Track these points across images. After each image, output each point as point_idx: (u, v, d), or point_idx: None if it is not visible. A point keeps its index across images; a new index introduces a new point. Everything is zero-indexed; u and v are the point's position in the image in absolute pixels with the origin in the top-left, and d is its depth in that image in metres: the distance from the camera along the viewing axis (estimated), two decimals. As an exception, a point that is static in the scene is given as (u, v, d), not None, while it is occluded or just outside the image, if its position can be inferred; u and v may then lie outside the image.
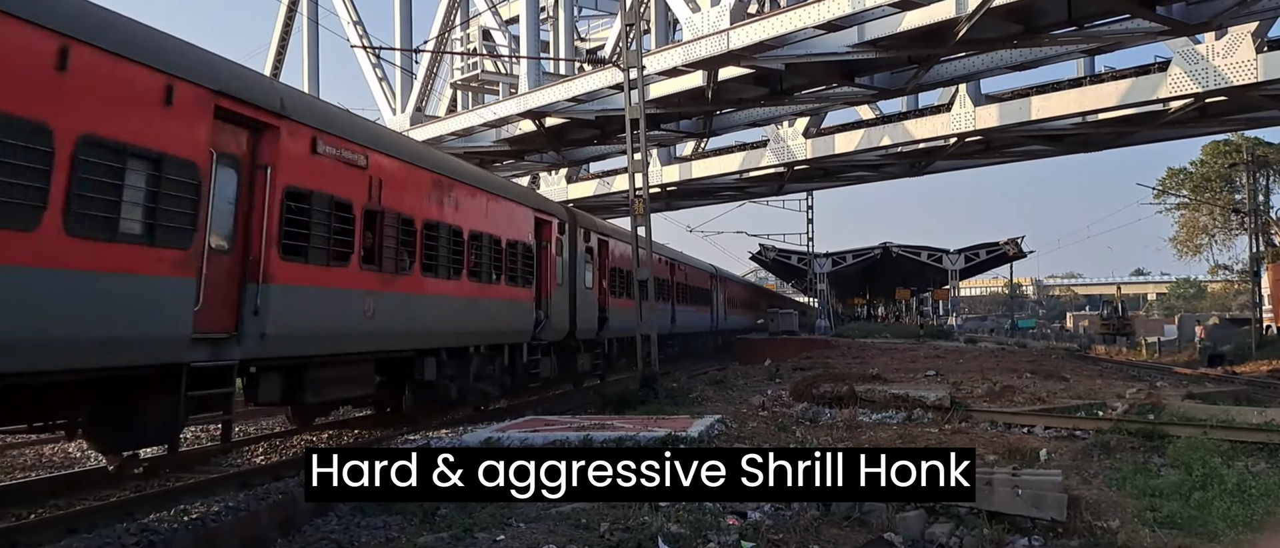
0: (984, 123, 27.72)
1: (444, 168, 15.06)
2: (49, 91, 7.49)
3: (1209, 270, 67.09)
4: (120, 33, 8.39)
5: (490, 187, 17.06)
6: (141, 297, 8.44)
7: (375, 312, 12.27)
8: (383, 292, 12.47)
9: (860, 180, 41.07)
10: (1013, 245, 52.65)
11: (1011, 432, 12.49)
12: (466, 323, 15.43)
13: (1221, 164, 50.43)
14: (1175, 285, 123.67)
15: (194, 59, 9.47)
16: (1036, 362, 26.50)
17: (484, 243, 15.92)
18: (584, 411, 16.19)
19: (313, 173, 11.02)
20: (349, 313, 11.83)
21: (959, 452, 5.44)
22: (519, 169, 36.01)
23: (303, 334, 10.93)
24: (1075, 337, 69.32)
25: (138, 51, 8.49)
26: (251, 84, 10.42)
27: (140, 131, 8.37)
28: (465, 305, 15.23)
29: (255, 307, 10.01)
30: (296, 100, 11.56)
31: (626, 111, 20.02)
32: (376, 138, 13.17)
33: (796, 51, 21.33)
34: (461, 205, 15.07)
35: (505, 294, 16.85)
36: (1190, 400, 15.40)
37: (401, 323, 13.05)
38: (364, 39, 32.58)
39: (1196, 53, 22.37)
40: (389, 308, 12.60)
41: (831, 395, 15.65)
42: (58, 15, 7.62)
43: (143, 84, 8.48)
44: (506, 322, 17.11)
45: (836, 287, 62.45)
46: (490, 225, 16.26)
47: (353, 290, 11.89)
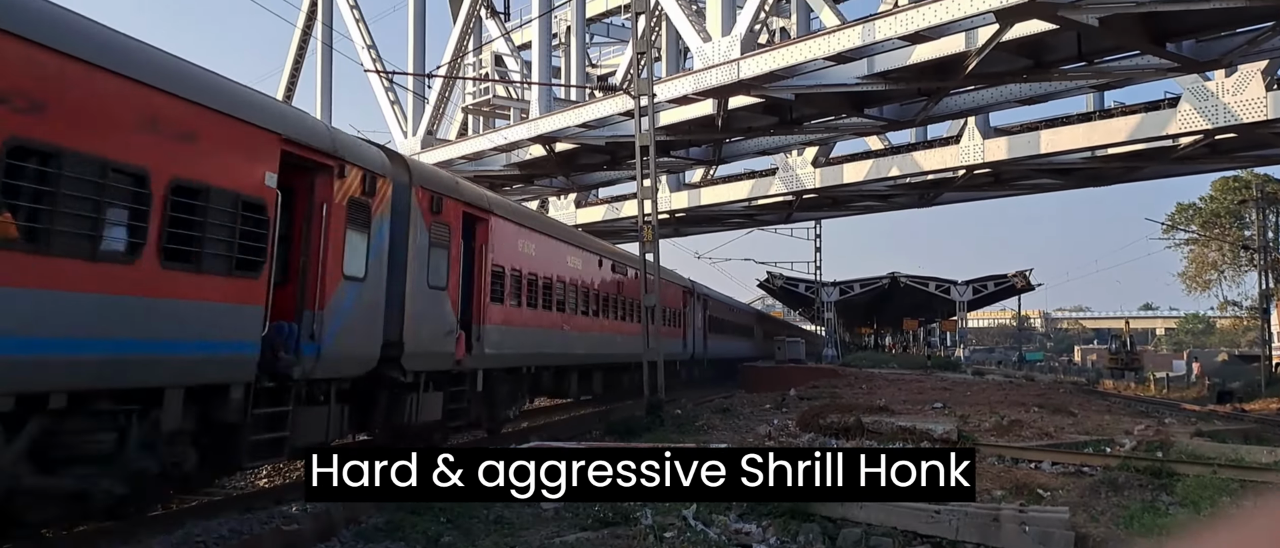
0: (993, 156, 27.76)
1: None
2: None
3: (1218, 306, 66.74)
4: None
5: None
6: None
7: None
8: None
9: (869, 210, 41.09)
10: (1021, 278, 52.54)
11: (1019, 467, 12.42)
12: None
13: (1231, 200, 50.35)
14: (1184, 321, 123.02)
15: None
16: (1044, 395, 26.34)
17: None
18: (587, 439, 16.14)
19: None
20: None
21: (959, 451, 5.36)
22: (528, 193, 36.16)
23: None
24: (1083, 371, 69.01)
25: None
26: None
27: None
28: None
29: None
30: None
31: (636, 138, 20.11)
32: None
33: (806, 82, 21.42)
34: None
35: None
36: (1199, 438, 15.30)
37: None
38: (377, 63, 32.84)
39: (1206, 89, 22.40)
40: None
41: (838, 426, 15.60)
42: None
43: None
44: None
45: (844, 316, 62.28)
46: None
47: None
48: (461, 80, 33.04)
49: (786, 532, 7.99)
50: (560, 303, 19.22)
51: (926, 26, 17.71)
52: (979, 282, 53.16)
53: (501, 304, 16.09)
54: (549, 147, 28.66)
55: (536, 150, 29.16)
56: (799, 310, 74.68)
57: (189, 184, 8.34)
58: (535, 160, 30.08)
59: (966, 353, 57.31)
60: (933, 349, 63.04)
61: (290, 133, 10.02)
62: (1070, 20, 16.79)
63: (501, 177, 32.04)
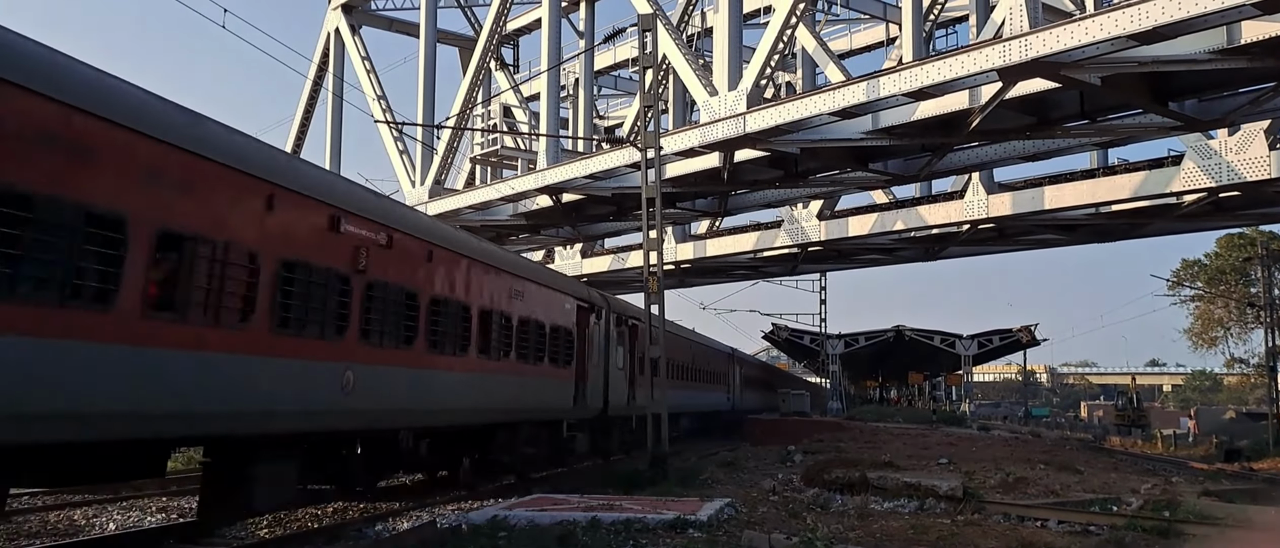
0: (997, 211, 27.85)
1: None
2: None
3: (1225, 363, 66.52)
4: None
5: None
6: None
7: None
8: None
9: (873, 263, 41.17)
10: (1026, 332, 52.49)
11: (1024, 525, 12.32)
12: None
13: (1236, 257, 50.43)
14: (1191, 378, 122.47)
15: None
16: (1050, 452, 26.20)
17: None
18: (593, 490, 16.04)
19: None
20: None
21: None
22: (534, 243, 36.30)
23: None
24: (1089, 426, 68.52)
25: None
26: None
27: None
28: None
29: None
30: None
31: (643, 190, 20.24)
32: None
33: (811, 136, 21.58)
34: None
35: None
36: (1207, 498, 15.19)
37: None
38: (387, 114, 33.19)
39: (1210, 148, 22.52)
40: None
41: (843, 481, 15.49)
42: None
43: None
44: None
45: (849, 368, 62.16)
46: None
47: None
48: (470, 131, 33.36)
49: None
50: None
51: (930, 84, 17.88)
52: (984, 336, 53.14)
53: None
54: (556, 197, 28.83)
55: (543, 201, 29.34)
56: (804, 363, 74.54)
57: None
58: (542, 210, 30.24)
59: (972, 407, 57.08)
60: (938, 403, 62.77)
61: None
62: (1073, 79, 16.96)
63: (508, 226, 32.20)
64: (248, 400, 9.27)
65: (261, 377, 9.43)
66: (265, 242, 9.40)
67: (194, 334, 8.38)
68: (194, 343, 8.38)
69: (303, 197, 10.24)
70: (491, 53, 31.27)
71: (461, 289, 14.18)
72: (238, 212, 9.09)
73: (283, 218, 9.75)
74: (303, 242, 10.13)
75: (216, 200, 8.78)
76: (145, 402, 7.92)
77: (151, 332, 7.84)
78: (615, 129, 39.99)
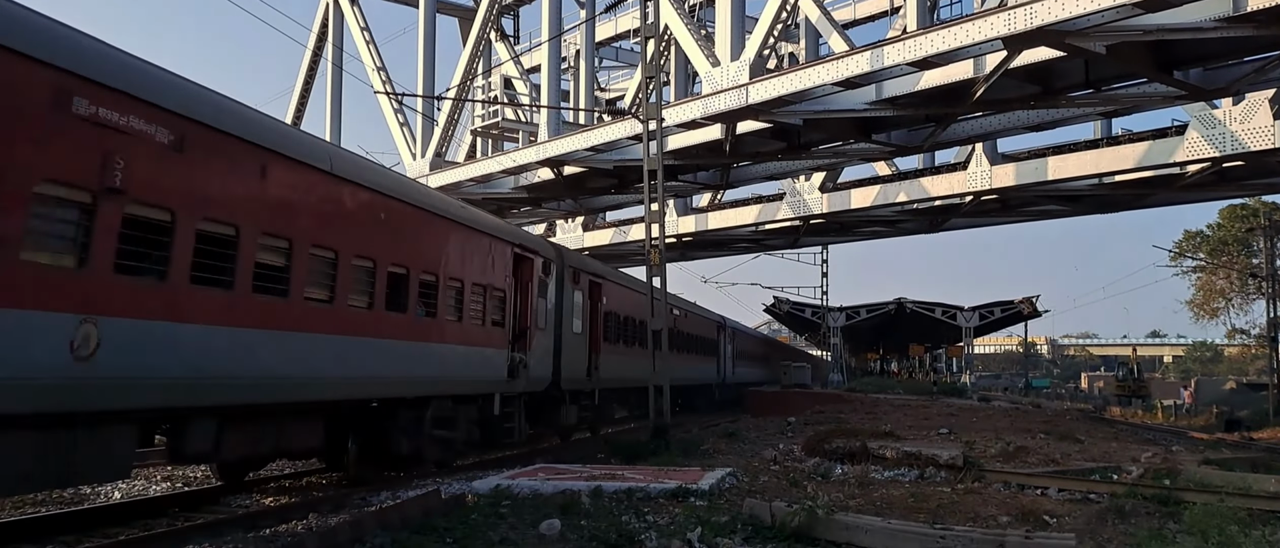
0: (1000, 182, 27.78)
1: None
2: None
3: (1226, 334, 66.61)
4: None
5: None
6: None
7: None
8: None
9: (876, 236, 41.13)
10: (1027, 304, 52.47)
11: (1025, 493, 12.37)
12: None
13: (1238, 228, 50.37)
14: (1191, 348, 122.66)
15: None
16: (1051, 422, 26.27)
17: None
18: (594, 461, 16.11)
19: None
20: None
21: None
22: (536, 216, 36.25)
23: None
24: (1090, 397, 68.70)
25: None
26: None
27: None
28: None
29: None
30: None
31: (644, 162, 20.18)
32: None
33: (814, 107, 21.50)
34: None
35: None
36: (1207, 467, 15.22)
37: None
38: (387, 85, 33.04)
39: (1214, 117, 22.42)
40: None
41: (844, 451, 15.54)
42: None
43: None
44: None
45: (850, 341, 62.20)
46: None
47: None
48: (470, 103, 33.23)
49: (792, 556, 7.96)
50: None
51: (934, 53, 17.78)
52: (985, 308, 53.12)
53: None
54: (557, 170, 28.76)
55: (545, 173, 29.26)
56: (805, 336, 74.64)
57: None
58: (543, 183, 30.18)
59: (973, 379, 57.17)
60: (939, 375, 62.89)
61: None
62: (1078, 47, 16.86)
63: (509, 199, 32.15)
64: None
65: None
66: None
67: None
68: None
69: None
70: (492, 23, 31.07)
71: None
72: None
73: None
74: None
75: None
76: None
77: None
78: (617, 101, 39.80)
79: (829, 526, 8.34)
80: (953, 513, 10.37)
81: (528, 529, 9.00)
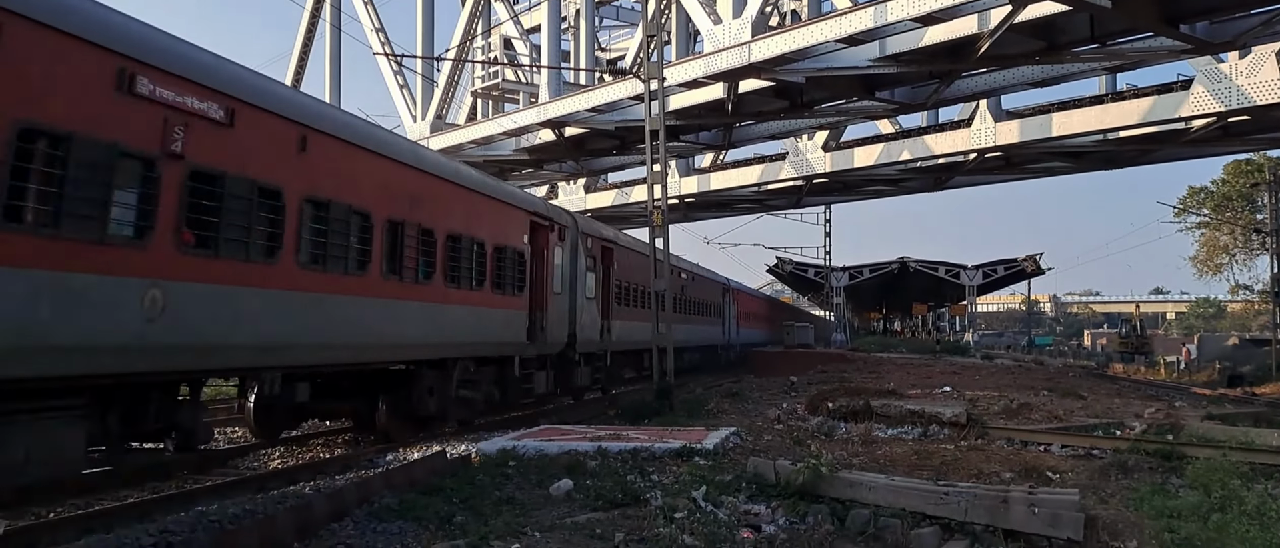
0: (1004, 139, 27.64)
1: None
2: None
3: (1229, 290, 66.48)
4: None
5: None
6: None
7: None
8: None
9: (879, 195, 40.99)
10: (1031, 262, 52.43)
11: (1028, 449, 12.44)
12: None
13: (1243, 184, 50.08)
14: (1195, 305, 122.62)
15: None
16: (1054, 379, 26.36)
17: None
18: (600, 421, 16.20)
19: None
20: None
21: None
22: (538, 178, 36.14)
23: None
24: (1093, 355, 68.81)
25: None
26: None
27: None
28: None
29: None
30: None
31: (646, 122, 20.07)
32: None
33: (817, 65, 21.34)
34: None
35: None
36: (1209, 422, 15.29)
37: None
38: (386, 47, 32.80)
39: (1219, 71, 22.24)
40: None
41: (847, 410, 15.63)
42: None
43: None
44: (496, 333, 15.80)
45: (853, 301, 62.29)
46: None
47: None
48: (470, 64, 33.00)
49: (796, 512, 8.02)
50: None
51: (939, 8, 17.59)
52: (989, 266, 53.12)
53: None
54: (558, 131, 28.62)
55: (546, 135, 29.12)
56: (808, 296, 74.69)
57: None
58: (545, 145, 30.04)
59: (975, 337, 57.27)
60: (942, 334, 62.99)
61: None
62: (1083, 1, 16.68)
63: (511, 161, 32.02)
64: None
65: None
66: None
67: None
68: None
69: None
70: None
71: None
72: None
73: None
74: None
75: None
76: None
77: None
78: (618, 61, 39.48)
79: (833, 483, 8.38)
80: (956, 470, 10.44)
81: (534, 489, 9.06)
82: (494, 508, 8.21)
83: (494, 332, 15.57)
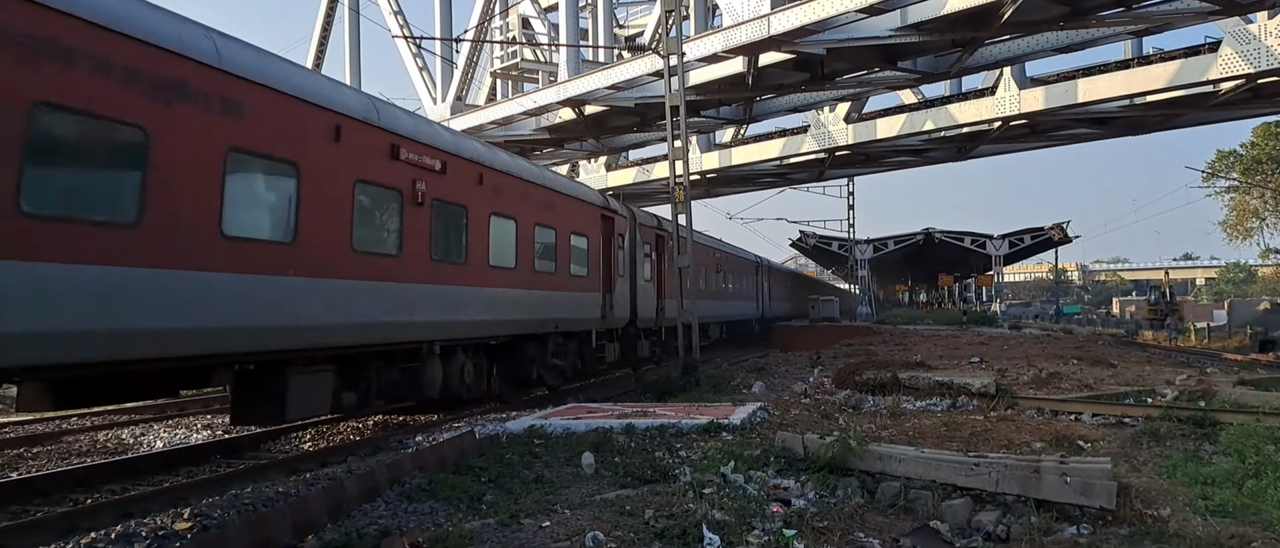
0: (1029, 106, 27.35)
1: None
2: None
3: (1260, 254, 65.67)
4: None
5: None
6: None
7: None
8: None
9: (902, 166, 40.72)
10: (1058, 230, 51.81)
11: (1058, 419, 12.34)
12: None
13: (1272, 146, 49.37)
14: (1224, 270, 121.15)
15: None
16: (1083, 348, 26.15)
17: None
18: (626, 399, 16.24)
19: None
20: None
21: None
22: (558, 157, 36.12)
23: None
24: (1122, 322, 68.22)
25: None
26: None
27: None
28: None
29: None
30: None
31: (666, 99, 19.99)
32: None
33: (838, 36, 21.14)
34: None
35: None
36: (1242, 387, 15.12)
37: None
38: (404, 29, 32.80)
39: (1248, 33, 21.88)
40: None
41: (874, 383, 15.57)
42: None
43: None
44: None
45: (878, 273, 61.92)
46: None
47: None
48: (489, 44, 32.95)
49: (825, 486, 8.01)
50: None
51: (959, -25, 17.40)
52: (1015, 235, 52.50)
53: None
54: (578, 110, 28.56)
55: (566, 114, 29.07)
56: (832, 269, 74.40)
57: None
58: (564, 124, 30.00)
59: (1003, 307, 56.79)
60: (968, 305, 62.57)
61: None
62: (1108, -36, 16.42)
63: (531, 141, 31.99)
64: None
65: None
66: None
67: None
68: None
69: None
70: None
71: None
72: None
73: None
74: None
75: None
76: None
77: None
78: (636, 38, 39.27)
79: (862, 456, 8.35)
80: (986, 441, 10.38)
81: (562, 467, 9.10)
82: (523, 487, 8.25)
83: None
